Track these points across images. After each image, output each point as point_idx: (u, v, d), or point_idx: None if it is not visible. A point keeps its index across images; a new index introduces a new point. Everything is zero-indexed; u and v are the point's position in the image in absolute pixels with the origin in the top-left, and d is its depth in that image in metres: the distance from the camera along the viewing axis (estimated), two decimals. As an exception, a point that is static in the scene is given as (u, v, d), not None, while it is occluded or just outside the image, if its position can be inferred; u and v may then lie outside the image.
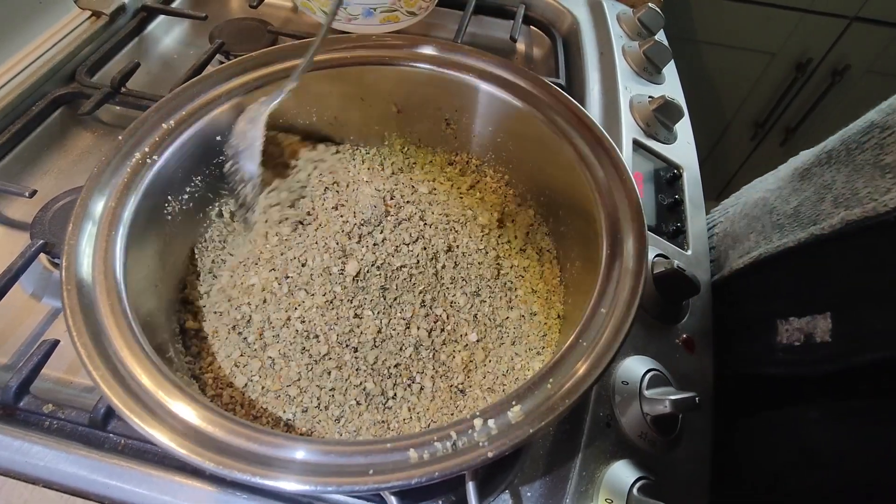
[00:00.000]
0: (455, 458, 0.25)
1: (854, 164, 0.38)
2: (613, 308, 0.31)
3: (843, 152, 0.40)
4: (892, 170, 0.35)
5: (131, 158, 0.35)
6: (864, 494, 0.35)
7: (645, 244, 0.33)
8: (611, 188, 0.36)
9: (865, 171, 0.37)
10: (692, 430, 0.39)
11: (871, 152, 0.37)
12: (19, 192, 0.47)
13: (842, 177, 0.39)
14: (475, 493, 0.29)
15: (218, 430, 0.26)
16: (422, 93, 0.45)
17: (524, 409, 0.27)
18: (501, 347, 0.38)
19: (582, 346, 0.30)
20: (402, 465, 0.25)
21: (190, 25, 0.70)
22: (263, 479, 0.24)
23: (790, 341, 0.39)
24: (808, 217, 0.40)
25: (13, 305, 0.43)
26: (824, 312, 0.37)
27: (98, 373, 0.27)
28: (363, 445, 0.26)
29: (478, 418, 0.27)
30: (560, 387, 0.28)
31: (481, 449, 0.26)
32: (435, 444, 0.26)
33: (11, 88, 0.54)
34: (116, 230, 0.33)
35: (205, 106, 0.39)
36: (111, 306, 0.30)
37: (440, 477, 0.25)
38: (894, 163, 0.35)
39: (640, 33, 0.68)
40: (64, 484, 0.33)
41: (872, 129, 0.38)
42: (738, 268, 0.46)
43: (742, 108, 1.26)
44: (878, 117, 0.38)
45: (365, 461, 0.25)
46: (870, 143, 0.37)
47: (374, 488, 0.25)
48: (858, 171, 0.37)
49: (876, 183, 0.35)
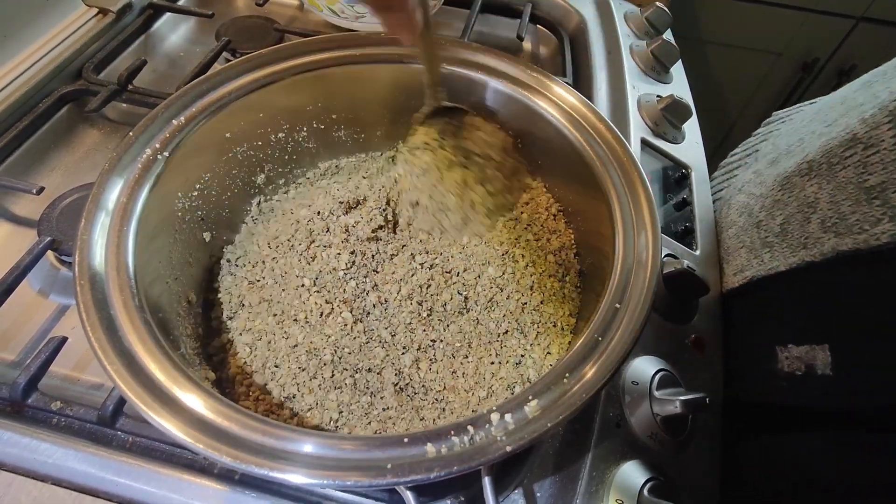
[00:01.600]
0: (473, 452, 0.25)
1: (837, 181, 0.37)
2: (628, 303, 0.31)
3: (825, 165, 0.38)
4: (878, 195, 0.34)
5: (142, 154, 0.35)
6: None
7: (658, 239, 0.33)
8: (623, 183, 0.36)
9: (849, 192, 0.36)
10: (702, 432, 0.39)
11: (853, 170, 0.36)
12: (27, 188, 0.47)
13: (825, 194, 0.38)
14: (491, 489, 0.28)
15: (235, 426, 0.26)
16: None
17: (541, 404, 0.27)
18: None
19: (597, 340, 0.29)
20: (420, 459, 0.25)
21: (196, 23, 0.70)
22: (275, 472, 0.24)
23: (791, 370, 0.38)
24: (797, 239, 0.39)
25: (21, 302, 0.43)
26: (822, 344, 0.36)
27: (112, 366, 0.27)
28: (381, 440, 0.26)
29: (494, 413, 0.27)
30: (577, 382, 0.28)
31: (499, 443, 0.26)
32: (452, 438, 0.26)
33: (18, 86, 0.54)
34: (128, 225, 0.33)
35: (214, 103, 0.39)
36: (124, 301, 0.29)
37: (458, 471, 0.25)
38: (879, 186, 0.34)
39: (648, 32, 0.68)
40: (73, 481, 0.33)
41: (856, 144, 0.36)
42: (733, 286, 0.46)
43: (747, 108, 1.25)
44: (861, 130, 0.36)
45: (383, 456, 0.25)
46: (852, 159, 0.36)
47: (392, 483, 0.24)
48: (842, 189, 0.36)
49: (864, 210, 0.34)
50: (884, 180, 0.34)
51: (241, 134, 0.42)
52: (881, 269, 0.34)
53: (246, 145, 0.42)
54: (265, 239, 0.42)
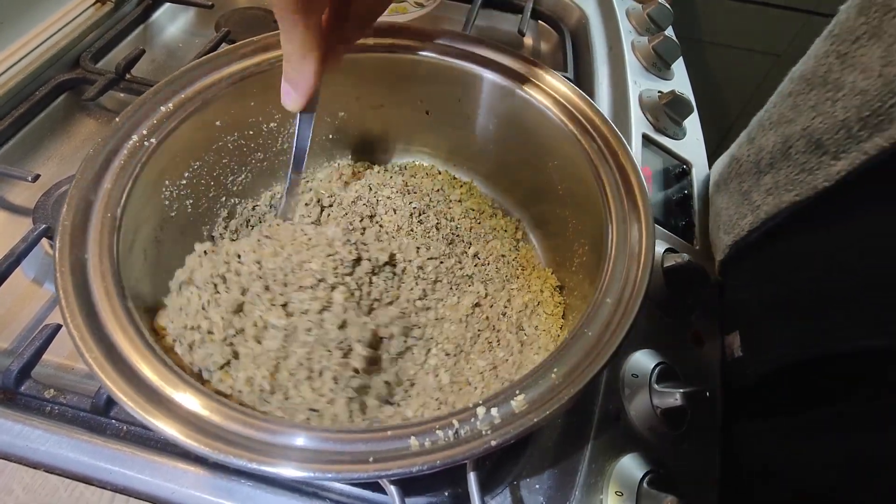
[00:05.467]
0: (457, 446, 0.25)
1: (728, 191, 0.45)
2: (619, 297, 0.30)
3: (721, 182, 0.47)
4: (747, 196, 0.41)
5: (129, 141, 0.35)
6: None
7: (652, 232, 0.33)
8: (615, 172, 0.36)
9: (735, 199, 0.43)
10: (701, 425, 0.39)
11: (735, 182, 0.44)
12: (22, 176, 0.46)
13: (724, 203, 0.46)
14: (476, 485, 0.28)
15: (216, 416, 0.25)
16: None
17: (528, 398, 0.26)
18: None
19: (587, 335, 0.29)
20: (402, 452, 0.24)
21: (196, 14, 0.70)
22: (262, 466, 0.24)
23: (727, 356, 0.43)
24: (714, 244, 0.47)
25: (15, 291, 0.42)
26: (734, 331, 0.42)
27: (91, 355, 0.26)
28: (363, 433, 0.25)
29: (480, 407, 0.26)
30: (564, 376, 0.27)
31: (484, 437, 0.25)
32: (437, 432, 0.25)
33: (15, 73, 0.54)
34: (114, 214, 0.32)
35: (204, 90, 0.38)
36: (106, 290, 0.29)
37: (442, 465, 0.24)
38: (749, 190, 0.41)
39: (649, 28, 0.68)
40: (65, 469, 0.33)
41: (732, 161, 0.45)
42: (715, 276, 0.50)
43: (746, 110, 1.26)
44: (735, 150, 0.45)
45: (365, 448, 0.25)
46: (732, 173, 0.45)
47: (374, 476, 0.24)
48: (731, 197, 0.44)
49: (741, 209, 0.42)
50: (750, 185, 0.41)
51: (232, 123, 0.41)
52: (754, 253, 0.41)
53: (237, 134, 0.41)
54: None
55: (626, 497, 0.33)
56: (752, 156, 0.41)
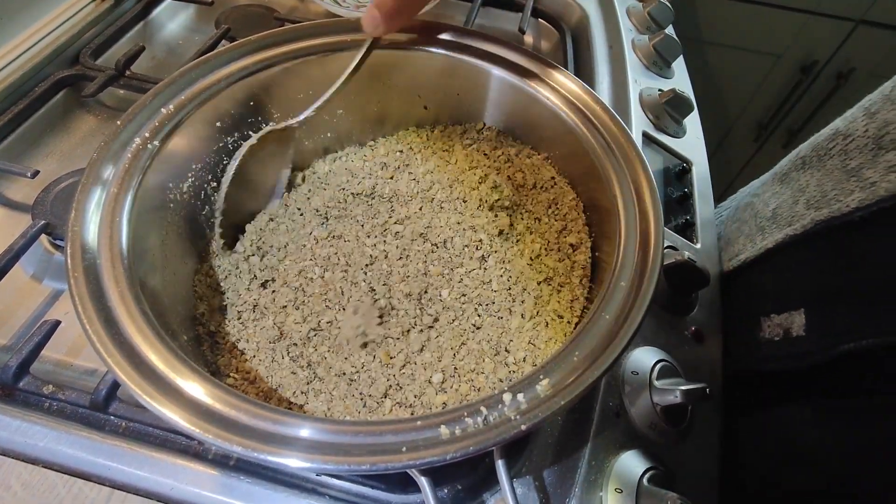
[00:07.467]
0: (488, 432, 0.25)
1: (825, 169, 0.41)
2: (634, 280, 0.31)
3: (815, 158, 0.43)
4: (856, 174, 0.37)
5: (132, 144, 0.34)
6: (847, 494, 0.36)
7: (660, 217, 0.33)
8: (623, 166, 0.36)
9: (834, 175, 0.40)
10: (701, 422, 0.39)
11: (838, 158, 0.40)
12: (21, 172, 0.46)
13: (814, 181, 0.41)
14: (505, 471, 0.28)
15: (240, 413, 0.25)
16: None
17: (552, 382, 0.27)
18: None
19: (605, 318, 0.29)
20: (434, 441, 0.25)
21: (195, 11, 0.70)
22: (285, 459, 0.24)
23: (771, 336, 0.40)
24: (785, 219, 0.43)
25: (14, 287, 0.42)
26: (799, 308, 0.39)
27: (110, 356, 0.26)
28: (393, 424, 0.25)
29: (506, 393, 0.26)
30: (586, 359, 0.28)
31: (514, 422, 0.25)
32: (466, 419, 0.25)
33: (14, 69, 0.54)
34: (120, 216, 0.32)
35: (205, 90, 0.38)
36: (120, 293, 0.28)
37: (475, 451, 0.24)
38: (858, 167, 0.37)
39: (650, 27, 0.68)
40: (64, 465, 0.33)
41: (836, 136, 0.41)
42: (728, 270, 0.48)
43: (746, 110, 1.26)
44: (841, 125, 0.41)
45: (396, 439, 0.25)
46: (835, 149, 0.41)
47: (408, 465, 0.24)
48: (829, 174, 0.40)
49: (843, 185, 0.38)
50: (861, 162, 0.37)
51: (232, 123, 0.40)
52: (854, 233, 0.37)
53: (237, 135, 0.41)
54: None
55: (625, 494, 0.33)
56: (873, 131, 0.38)
